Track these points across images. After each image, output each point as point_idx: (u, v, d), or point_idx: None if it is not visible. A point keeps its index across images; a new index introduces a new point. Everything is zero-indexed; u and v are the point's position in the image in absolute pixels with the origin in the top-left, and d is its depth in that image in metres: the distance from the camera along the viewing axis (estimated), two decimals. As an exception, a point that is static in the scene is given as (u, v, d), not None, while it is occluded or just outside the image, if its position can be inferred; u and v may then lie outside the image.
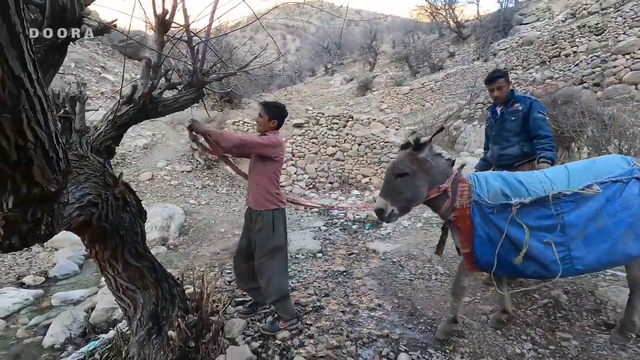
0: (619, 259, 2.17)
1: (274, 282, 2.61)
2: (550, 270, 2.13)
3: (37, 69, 1.05)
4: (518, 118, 2.96)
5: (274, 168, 2.57)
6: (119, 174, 2.24)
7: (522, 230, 2.11)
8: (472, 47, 22.67)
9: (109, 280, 2.44)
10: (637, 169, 2.18)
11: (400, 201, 2.24)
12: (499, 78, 3.01)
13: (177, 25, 2.18)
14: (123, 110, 2.13)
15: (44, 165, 1.24)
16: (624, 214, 2.08)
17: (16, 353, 2.73)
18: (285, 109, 2.69)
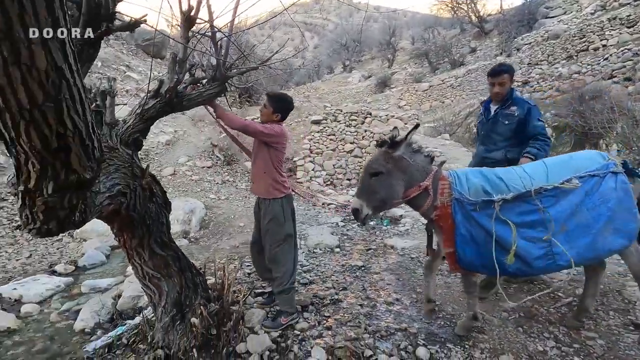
0: (601, 254, 2.16)
1: (289, 270, 2.64)
2: (532, 267, 2.12)
3: (77, 60, 1.12)
4: (512, 123, 2.78)
5: (277, 155, 2.57)
6: (146, 165, 2.34)
7: (507, 227, 2.07)
8: (495, 42, 22.09)
9: (136, 268, 2.55)
10: (613, 163, 2.19)
11: (374, 201, 2.21)
12: (504, 73, 2.80)
13: (202, 20, 2.24)
14: (150, 104, 2.21)
15: (81, 153, 1.31)
16: (602, 208, 2.09)
17: (50, 335, 2.88)
18: (291, 101, 2.65)
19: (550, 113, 10.20)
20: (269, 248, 2.67)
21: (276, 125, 2.57)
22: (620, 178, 2.16)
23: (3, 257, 4.49)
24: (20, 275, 4.01)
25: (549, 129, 9.65)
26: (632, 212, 2.16)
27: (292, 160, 9.14)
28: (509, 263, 2.07)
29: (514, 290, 3.09)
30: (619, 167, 2.19)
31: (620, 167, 2.20)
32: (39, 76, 1.00)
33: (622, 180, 2.16)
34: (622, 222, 2.12)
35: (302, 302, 3.03)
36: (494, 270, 2.14)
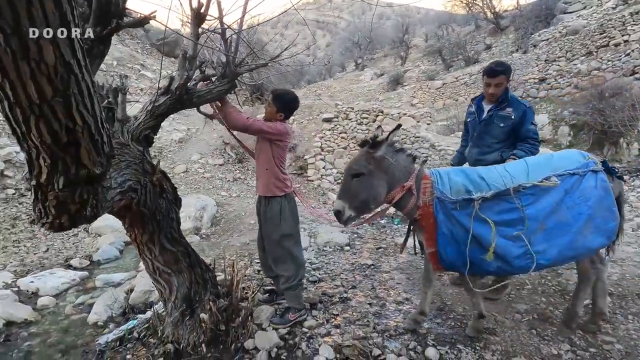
0: (581, 252, 2.15)
1: (292, 268, 2.63)
2: (512, 266, 2.10)
3: (85, 56, 1.13)
4: (507, 126, 2.68)
5: (280, 153, 2.55)
6: (157, 162, 2.36)
7: (487, 225, 2.05)
8: (511, 39, 21.62)
9: (147, 263, 2.58)
10: (593, 162, 2.19)
11: (356, 202, 2.19)
12: (501, 73, 2.65)
13: (212, 17, 2.24)
14: (161, 101, 2.23)
15: (91, 148, 1.33)
16: (582, 206, 2.08)
17: (65, 328, 2.95)
18: (296, 100, 2.61)
19: (568, 111, 9.94)
20: (270, 247, 2.69)
21: (279, 123, 2.53)
22: (601, 177, 2.14)
23: (22, 251, 4.63)
24: (38, 268, 4.12)
25: (566, 127, 9.41)
26: (611, 211, 2.14)
27: (303, 159, 9.14)
28: (489, 260, 2.06)
29: (528, 291, 3.02)
30: (599, 166, 2.18)
31: (600, 165, 2.19)
32: (48, 71, 1.01)
33: (602, 178, 2.14)
34: (602, 221, 2.12)
35: (310, 299, 3.02)
36: (476, 269, 2.14)
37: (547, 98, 11.03)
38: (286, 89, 2.64)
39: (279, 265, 2.69)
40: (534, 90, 11.49)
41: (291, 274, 2.65)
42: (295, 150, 9.31)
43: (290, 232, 2.64)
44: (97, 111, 1.27)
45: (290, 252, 2.65)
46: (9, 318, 3.00)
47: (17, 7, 0.87)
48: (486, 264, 2.09)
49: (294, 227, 2.69)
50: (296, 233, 2.71)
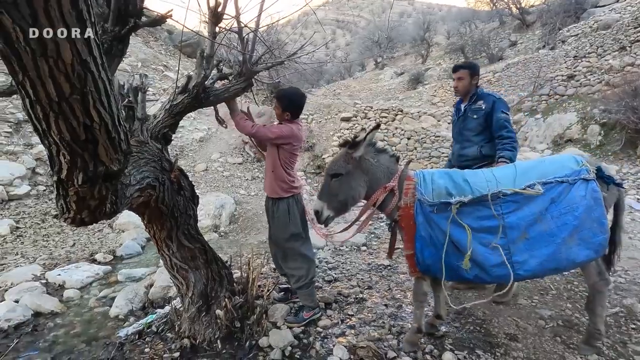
0: (564, 265, 2.04)
1: (302, 268, 2.63)
2: (490, 274, 2.01)
3: (102, 54, 1.15)
4: (480, 117, 2.84)
5: (287, 155, 2.53)
6: (175, 159, 2.40)
7: (464, 231, 1.98)
8: (537, 35, 20.86)
9: (165, 259, 2.63)
10: (586, 169, 2.05)
11: (334, 202, 2.18)
12: (461, 68, 2.92)
13: (229, 16, 2.26)
14: (178, 100, 2.27)
15: (108, 145, 1.36)
16: (568, 216, 1.96)
17: (88, 320, 3.05)
18: (301, 97, 2.56)
19: (598, 109, 9.48)
20: (278, 246, 2.71)
21: (285, 126, 2.51)
22: (592, 186, 2.02)
23: (50, 245, 4.83)
24: (65, 262, 4.28)
25: (596, 126, 8.99)
26: (600, 223, 2.01)
27: (320, 158, 9.13)
28: (465, 268, 1.99)
29: (552, 296, 2.90)
30: (591, 174, 2.04)
31: (593, 173, 2.05)
32: (65, 69, 1.04)
33: (592, 188, 2.02)
34: (589, 233, 1.99)
35: (325, 299, 3.01)
36: (453, 275, 2.08)
37: (576, 96, 10.57)
38: (290, 87, 2.63)
39: (289, 264, 2.71)
40: (561, 87, 11.02)
41: (302, 273, 2.65)
42: (313, 149, 9.32)
43: (298, 232, 2.64)
44: (114, 109, 1.29)
45: (299, 251, 2.65)
46: (37, 309, 3.13)
47: (35, 6, 0.89)
48: (463, 271, 2.02)
49: (302, 226, 2.69)
50: (304, 232, 2.72)
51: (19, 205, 5.66)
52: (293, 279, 2.71)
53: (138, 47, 12.75)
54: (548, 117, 10.34)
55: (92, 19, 1.04)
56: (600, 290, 2.17)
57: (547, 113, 10.57)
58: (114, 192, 1.82)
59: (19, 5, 0.88)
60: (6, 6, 0.87)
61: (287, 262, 2.71)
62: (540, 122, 10.43)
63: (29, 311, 3.08)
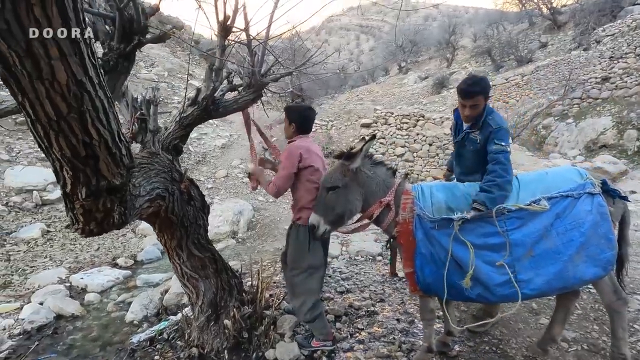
0: (572, 283, 1.93)
1: (307, 305, 2.44)
2: (494, 294, 1.92)
3: (100, 73, 1.18)
4: (474, 150, 2.31)
5: (305, 175, 2.37)
6: (184, 170, 2.44)
7: (467, 248, 1.87)
8: (570, 36, 20.01)
9: (176, 268, 2.67)
10: (590, 183, 1.94)
11: (331, 216, 2.09)
12: (476, 94, 2.15)
13: (238, 29, 2.29)
14: (188, 112, 2.31)
15: (109, 161, 1.39)
16: (574, 232, 1.88)
17: (105, 324, 3.15)
18: (306, 109, 2.48)
19: (636, 113, 8.94)
20: (289, 272, 2.55)
21: (287, 153, 2.37)
22: (597, 200, 1.91)
23: (77, 248, 5.04)
24: (89, 266, 4.46)
25: (633, 130, 8.47)
26: (608, 239, 1.89)
27: (340, 164, 9.09)
28: (466, 287, 1.89)
29: (577, 317, 2.71)
30: (596, 188, 1.94)
31: (598, 187, 1.95)
32: (61, 89, 1.07)
33: (598, 202, 1.91)
34: (596, 250, 1.88)
35: (335, 311, 2.96)
36: (456, 294, 1.99)
37: (611, 99, 10.01)
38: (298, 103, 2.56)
39: (293, 295, 2.57)
40: (595, 90, 10.48)
41: (304, 308, 2.46)
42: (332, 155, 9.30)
43: (317, 264, 2.46)
44: (114, 126, 1.32)
45: (309, 285, 2.46)
46: (59, 312, 3.27)
47: (28, 30, 0.92)
48: (466, 290, 1.93)
49: (323, 259, 2.53)
50: (322, 266, 2.53)
51: (51, 209, 5.96)
52: (295, 311, 2.59)
53: (165, 57, 13.24)
54: (580, 121, 9.85)
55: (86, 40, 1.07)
56: (619, 311, 2.02)
57: (580, 117, 10.07)
58: (123, 204, 1.86)
59: (12, 31, 0.91)
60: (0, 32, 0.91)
61: (290, 291, 2.58)
62: (572, 127, 9.96)
63: (51, 314, 3.22)
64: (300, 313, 2.56)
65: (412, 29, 35.18)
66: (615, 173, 6.52)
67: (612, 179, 6.46)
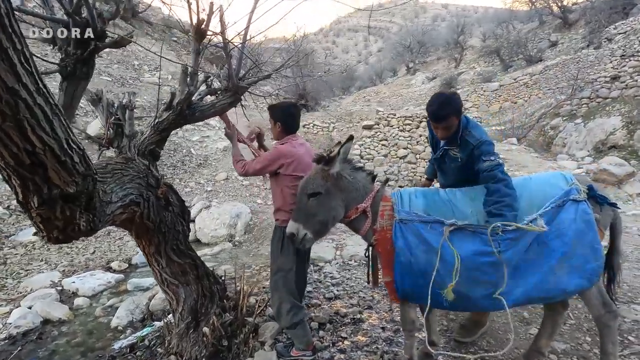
0: (553, 294, 1.86)
1: (283, 310, 2.38)
2: (476, 305, 1.92)
3: (38, 80, 1.14)
4: (456, 167, 2.20)
5: (284, 181, 2.32)
6: (161, 175, 2.41)
7: (453, 257, 1.80)
8: (581, 34, 19.59)
9: (155, 274, 2.64)
10: (576, 188, 1.86)
11: (313, 224, 2.00)
12: (449, 117, 2.00)
13: (213, 32, 2.25)
14: (164, 117, 2.28)
15: (59, 169, 1.35)
16: (556, 242, 1.79)
17: (90, 330, 3.14)
18: (291, 107, 2.43)
19: (647, 112, 8.66)
20: (270, 274, 2.52)
21: (271, 152, 2.35)
22: (582, 207, 1.81)
23: (73, 251, 5.08)
24: (82, 269, 4.48)
25: (644, 131, 8.21)
26: (593, 249, 1.79)
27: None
28: (448, 298, 1.81)
29: (570, 327, 2.60)
30: (582, 194, 1.83)
31: (584, 193, 1.84)
32: (-8, 98, 1.04)
33: (583, 210, 1.80)
34: (580, 260, 1.79)
35: (320, 319, 2.89)
36: (436, 303, 1.90)
37: (621, 98, 9.72)
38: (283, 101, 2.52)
39: (271, 298, 2.51)
40: (604, 90, 10.20)
41: (281, 313, 2.41)
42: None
43: (286, 268, 2.40)
44: (60, 133, 1.29)
45: (282, 290, 2.41)
46: (46, 316, 3.27)
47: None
48: (444, 300, 1.85)
49: (295, 262, 2.43)
50: (292, 270, 2.44)
51: (51, 212, 6.03)
52: (277, 317, 2.50)
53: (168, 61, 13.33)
54: (589, 121, 9.60)
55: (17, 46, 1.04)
56: (608, 324, 1.91)
57: (588, 117, 9.81)
58: (90, 211, 1.85)
59: None
60: None
61: (273, 297, 2.50)
62: (581, 127, 9.70)
63: (38, 318, 3.22)
64: (278, 318, 2.51)
65: (420, 30, 34.97)
66: (622, 175, 6.31)
67: (619, 181, 6.26)
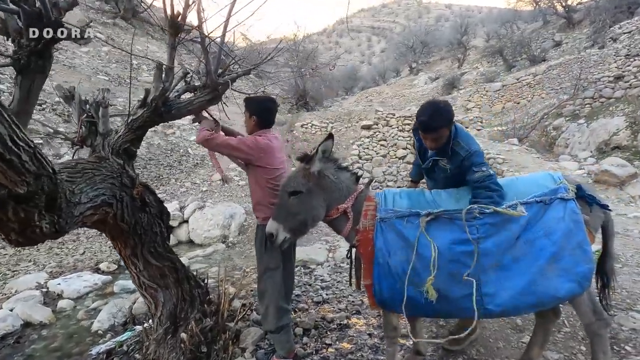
0: (543, 300, 1.72)
1: (270, 312, 2.31)
2: (460, 309, 1.75)
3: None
4: (447, 176, 2.11)
5: (262, 175, 2.28)
6: (136, 175, 2.32)
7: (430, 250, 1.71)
8: (585, 34, 19.35)
9: (133, 277, 2.55)
10: (564, 187, 1.77)
11: (293, 223, 1.94)
12: (440, 128, 1.92)
13: (189, 27, 2.16)
14: (138, 114, 2.19)
15: (5, 168, 1.27)
16: (544, 241, 1.69)
17: (70, 334, 3.06)
18: (268, 101, 2.34)
19: (651, 113, 8.48)
20: (258, 275, 2.45)
21: (252, 138, 2.26)
22: (571, 206, 1.72)
23: (63, 252, 5.02)
24: (70, 270, 4.41)
25: (648, 132, 8.04)
26: (583, 250, 1.69)
27: (340, 167, 8.93)
28: (429, 297, 1.70)
29: (564, 335, 2.48)
30: (570, 193, 1.75)
31: (572, 192, 1.75)
32: None
33: (572, 208, 1.72)
34: (570, 261, 1.68)
35: (305, 324, 2.80)
36: (415, 309, 1.80)
37: (625, 98, 9.54)
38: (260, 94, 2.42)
39: (259, 300, 2.42)
40: (608, 89, 10.02)
41: (268, 315, 2.34)
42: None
43: (272, 266, 2.33)
44: (3, 130, 1.20)
45: (270, 290, 2.33)
46: (27, 319, 3.20)
47: None
48: (426, 305, 1.75)
49: (281, 260, 2.36)
50: (279, 269, 2.37)
51: (44, 212, 5.97)
52: (264, 319, 2.41)
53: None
54: (592, 122, 9.43)
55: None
56: (599, 333, 1.81)
57: (591, 118, 9.64)
58: (56, 212, 1.76)
59: None
60: None
61: (261, 298, 2.42)
62: (583, 128, 9.53)
63: (19, 321, 3.14)
64: (264, 320, 2.42)
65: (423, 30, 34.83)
66: (623, 176, 6.15)
67: (621, 182, 6.10)
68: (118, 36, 12.83)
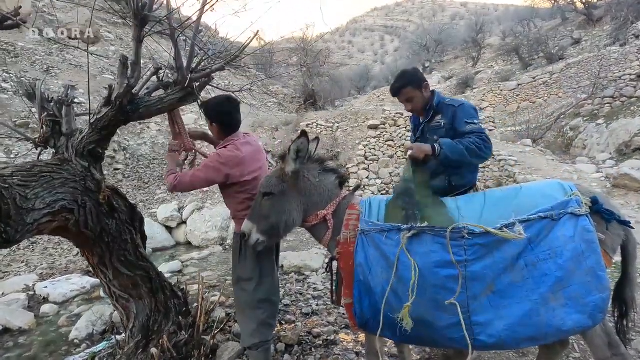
0: (545, 333, 1.44)
1: (249, 326, 2.08)
2: (447, 338, 1.51)
3: None
4: (440, 136, 2.00)
5: (234, 187, 2.03)
6: (102, 178, 2.16)
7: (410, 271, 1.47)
8: (606, 31, 18.57)
9: (103, 287, 2.41)
10: (576, 200, 1.48)
11: (264, 225, 1.77)
12: (403, 88, 2.06)
13: (157, 18, 1.99)
14: (102, 113, 2.03)
15: None
16: (549, 264, 1.42)
17: (47, 342, 2.94)
18: (225, 102, 2.08)
19: (677, 112, 7.97)
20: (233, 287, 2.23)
21: (210, 162, 1.97)
22: (583, 223, 1.44)
23: (57, 253, 4.95)
24: (61, 273, 4.32)
25: (673, 133, 7.56)
26: (596, 276, 1.41)
27: (345, 168, 8.69)
28: (405, 326, 1.46)
29: (574, 362, 2.21)
30: (583, 207, 1.46)
31: (586, 207, 1.47)
32: None
33: (584, 226, 1.43)
34: (580, 290, 1.41)
35: (288, 339, 2.60)
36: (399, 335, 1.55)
37: (648, 97, 9.03)
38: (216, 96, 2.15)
39: (242, 320, 2.18)
40: (629, 88, 9.49)
41: (244, 332, 2.12)
42: (337, 158, 8.92)
43: (247, 277, 2.08)
44: None
45: (247, 302, 2.10)
46: (7, 325, 3.10)
47: None
48: (410, 333, 1.50)
49: (259, 272, 2.09)
50: (256, 280, 2.08)
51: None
52: (241, 334, 2.19)
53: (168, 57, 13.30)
54: (612, 122, 8.94)
55: None
56: None
57: (611, 118, 9.15)
58: (3, 220, 1.62)
59: None
60: None
61: (236, 310, 2.25)
62: (603, 129, 9.05)
63: (-3, 327, 3.04)
64: (242, 334, 2.18)
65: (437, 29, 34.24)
66: (646, 181, 5.74)
67: (643, 187, 5.69)
68: (127, 36, 12.87)
